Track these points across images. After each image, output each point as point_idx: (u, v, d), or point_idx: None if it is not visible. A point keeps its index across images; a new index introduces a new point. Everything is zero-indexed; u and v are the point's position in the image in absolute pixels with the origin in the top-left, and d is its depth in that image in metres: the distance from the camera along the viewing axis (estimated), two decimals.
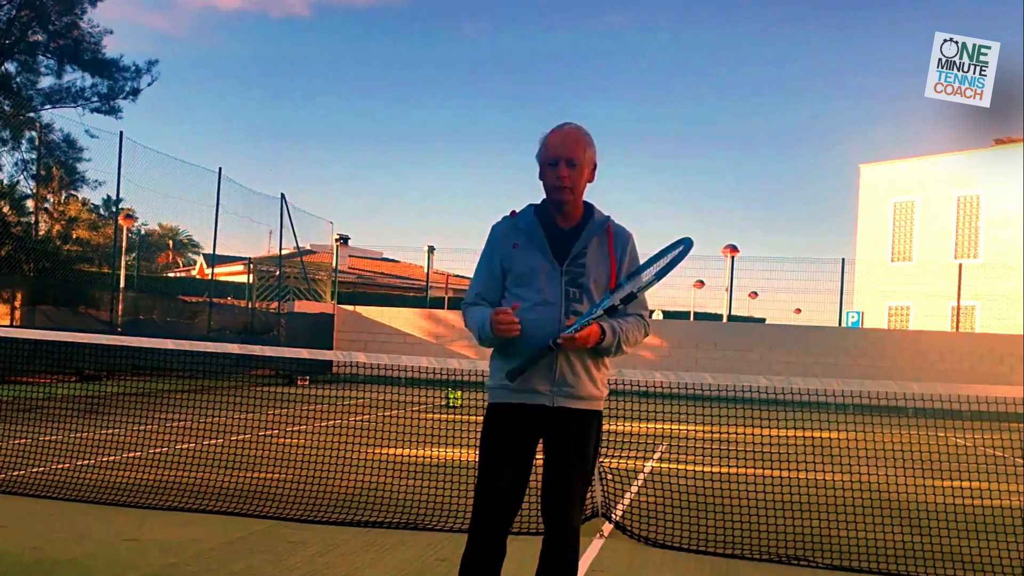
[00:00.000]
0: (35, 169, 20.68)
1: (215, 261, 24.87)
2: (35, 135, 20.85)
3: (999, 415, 6.16)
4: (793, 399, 6.15)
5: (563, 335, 2.83)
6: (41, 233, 20.70)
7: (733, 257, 24.17)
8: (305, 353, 6.98)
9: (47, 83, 23.49)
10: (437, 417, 10.61)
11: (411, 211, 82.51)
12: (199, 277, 34.70)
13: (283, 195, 24.25)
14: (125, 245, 21.75)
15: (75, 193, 23.79)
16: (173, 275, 41.33)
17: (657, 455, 9.39)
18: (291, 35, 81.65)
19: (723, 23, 66.69)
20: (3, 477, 6.54)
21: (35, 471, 6.73)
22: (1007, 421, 7.78)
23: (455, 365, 6.34)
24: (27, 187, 21.09)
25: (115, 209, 20.42)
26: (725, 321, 24.59)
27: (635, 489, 6.89)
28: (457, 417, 10.36)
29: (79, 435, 8.04)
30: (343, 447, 7.27)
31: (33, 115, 22.23)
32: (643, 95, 73.21)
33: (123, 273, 20.68)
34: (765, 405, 7.06)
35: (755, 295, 27.59)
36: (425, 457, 8.04)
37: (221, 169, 21.16)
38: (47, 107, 23.41)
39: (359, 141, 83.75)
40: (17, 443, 7.76)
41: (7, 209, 19.93)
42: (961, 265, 24.98)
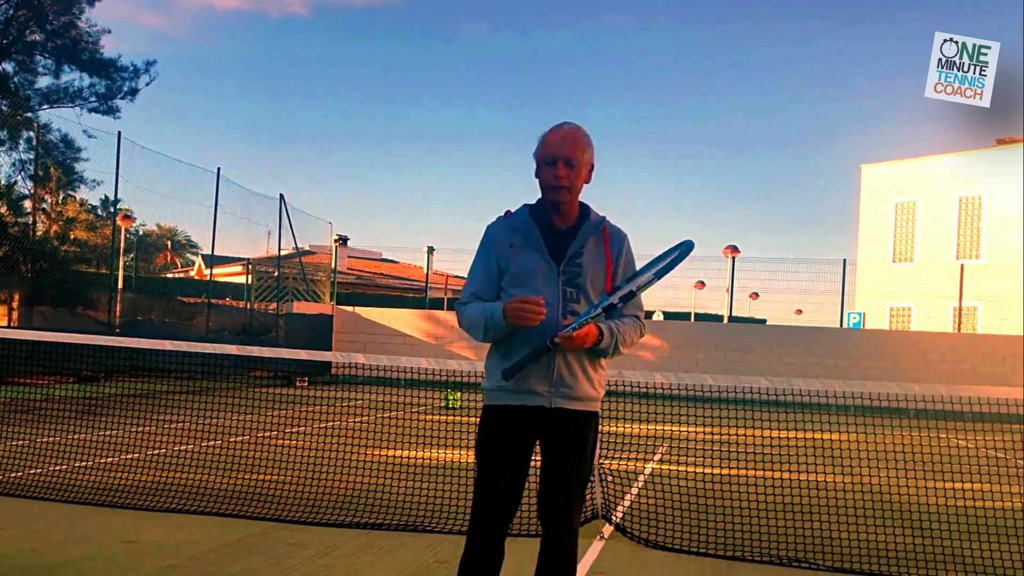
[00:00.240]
0: (33, 169, 20.65)
1: (213, 262, 24.84)
2: (33, 135, 20.83)
3: (1001, 416, 6.15)
4: (794, 400, 6.13)
5: (561, 334, 2.81)
6: (39, 234, 20.69)
7: (734, 258, 24.16)
8: (304, 354, 6.96)
9: (45, 83, 23.49)
10: (436, 418, 10.58)
11: (410, 211, 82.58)
12: (197, 278, 34.67)
13: (282, 195, 24.27)
14: (123, 246, 21.72)
15: (73, 193, 23.80)
16: (171, 276, 41.33)
17: (657, 456, 9.38)
18: (290, 35, 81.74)
19: (723, 23, 66.82)
20: (1, 478, 6.52)
21: (32, 472, 6.72)
22: (1009, 422, 7.77)
23: (454, 366, 6.32)
24: (25, 187, 21.08)
25: (113, 209, 20.39)
26: (726, 322, 24.59)
27: (635, 491, 6.88)
28: (457, 418, 10.33)
29: (77, 436, 8.02)
30: (342, 448, 7.25)
31: (31, 115, 22.20)
32: (643, 95, 73.35)
33: (121, 274, 20.66)
34: (766, 406, 7.05)
35: (756, 296, 27.59)
36: (424, 459, 8.02)
37: (220, 169, 21.20)
38: (45, 107, 23.39)
39: (358, 141, 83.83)
40: (14, 444, 7.74)
41: (4, 209, 19.91)
42: (963, 266, 24.98)
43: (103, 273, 21.25)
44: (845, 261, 24.27)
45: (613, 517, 5.72)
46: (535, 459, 3.02)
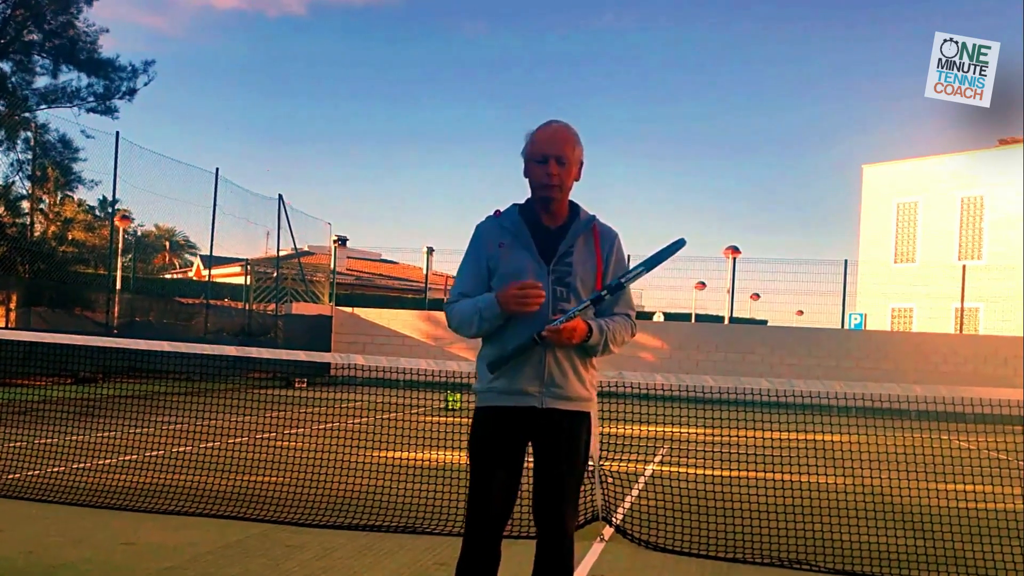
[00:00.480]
0: (30, 170, 20.62)
1: (212, 262, 24.82)
2: (30, 135, 20.78)
3: (1003, 418, 6.12)
4: (795, 402, 6.10)
5: (548, 327, 2.80)
6: (36, 234, 20.65)
7: (735, 258, 24.13)
8: (303, 355, 6.91)
9: (43, 83, 23.43)
10: (436, 420, 10.58)
11: (410, 212, 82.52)
12: (196, 279, 34.64)
13: (281, 196, 24.27)
14: (121, 246, 21.70)
15: (71, 194, 23.70)
16: (170, 276, 41.29)
17: (658, 458, 9.37)
18: (288, 34, 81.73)
19: (724, 23, 66.84)
20: None
21: (30, 474, 6.70)
22: (1011, 424, 7.77)
23: (454, 367, 6.30)
24: (22, 188, 21.04)
25: (111, 210, 20.36)
26: (727, 323, 24.56)
27: (636, 492, 6.86)
28: (456, 420, 10.30)
29: (75, 438, 8.00)
30: (341, 450, 7.23)
31: (28, 115, 22.15)
32: (643, 95, 73.32)
33: (119, 274, 20.63)
34: (767, 408, 7.02)
35: (757, 297, 27.56)
36: (424, 460, 8.00)
37: (218, 170, 21.19)
38: (43, 107, 23.32)
39: (357, 141, 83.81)
40: (12, 446, 7.72)
41: (2, 210, 19.88)
42: (965, 266, 24.97)
43: (101, 274, 21.22)
44: (846, 262, 24.28)
45: (613, 519, 5.70)
46: (530, 460, 3.00)
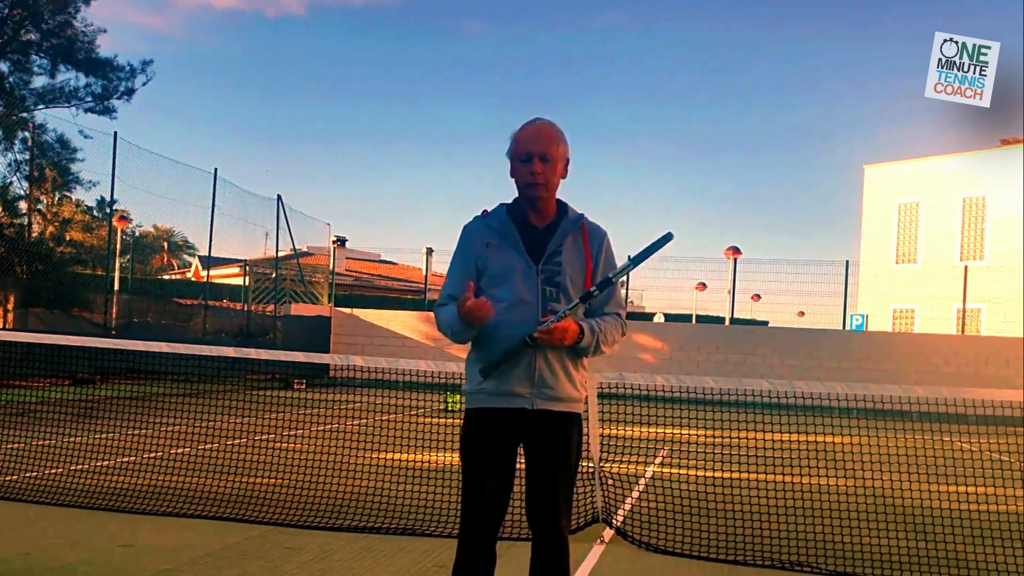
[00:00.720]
0: (28, 170, 20.61)
1: (210, 263, 24.78)
2: (28, 135, 20.76)
3: (1005, 419, 6.09)
4: (796, 403, 6.08)
5: (540, 329, 2.79)
6: (34, 235, 20.61)
7: (735, 259, 24.10)
8: (301, 356, 6.88)
9: (40, 83, 23.41)
10: (435, 421, 10.55)
11: (409, 212, 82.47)
12: (194, 279, 34.62)
13: (279, 196, 24.22)
14: (119, 247, 21.68)
15: (69, 194, 23.65)
16: (168, 277, 41.22)
17: (659, 459, 9.34)
18: (287, 34, 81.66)
19: (725, 23, 66.85)
20: None
21: (28, 476, 6.69)
22: (1013, 425, 7.74)
23: (454, 369, 6.27)
24: (20, 188, 21.03)
25: (109, 210, 20.34)
26: (727, 324, 24.50)
27: (636, 494, 6.85)
28: (456, 421, 10.27)
29: (72, 439, 7.97)
30: (340, 451, 7.21)
31: (26, 115, 22.14)
32: (644, 95, 73.31)
33: (117, 275, 20.60)
34: (768, 409, 7.00)
35: (758, 298, 27.54)
36: (423, 462, 7.98)
37: (217, 170, 21.14)
38: (40, 107, 23.31)
39: (356, 141, 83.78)
40: (10, 448, 7.70)
41: (0, 211, 19.84)
42: (967, 267, 24.94)
43: (99, 275, 21.18)
44: (848, 263, 24.26)
45: (613, 521, 5.68)
46: (521, 461, 2.99)
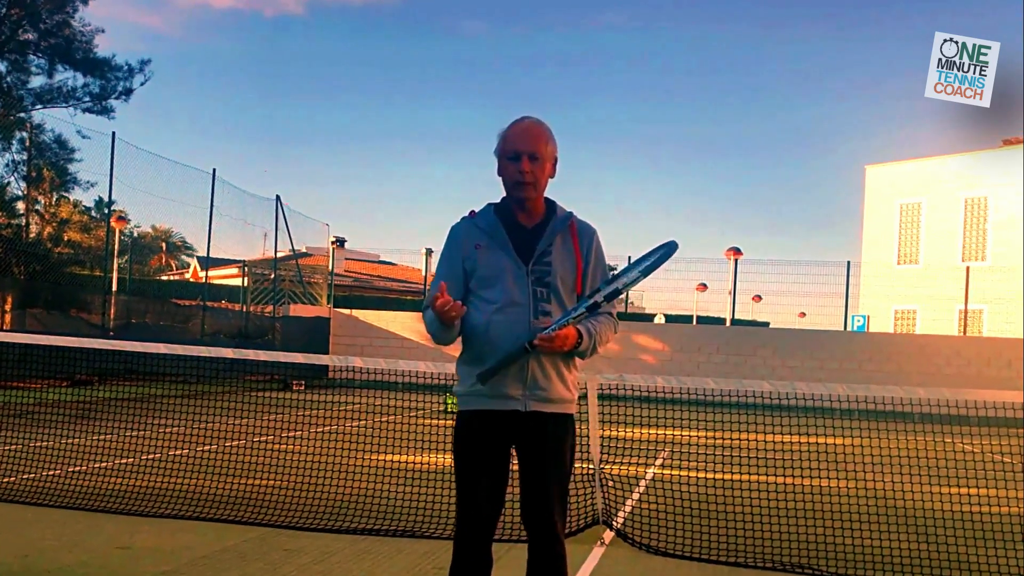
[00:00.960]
0: (26, 170, 20.58)
1: (209, 264, 24.77)
2: (26, 136, 20.75)
3: (1007, 421, 6.08)
4: (797, 404, 6.06)
5: (540, 336, 2.75)
6: (32, 235, 20.59)
7: (736, 260, 24.05)
8: (300, 357, 6.86)
9: (38, 83, 23.38)
10: (435, 423, 10.54)
11: (408, 213, 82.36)
12: (193, 280, 34.58)
13: (278, 197, 24.19)
14: (117, 247, 21.66)
15: (66, 195, 23.63)
16: (166, 278, 41.17)
17: (659, 461, 9.33)
18: (286, 34, 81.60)
19: (725, 23, 66.88)
20: None
21: (26, 477, 6.67)
22: (1015, 427, 7.72)
23: (453, 370, 6.23)
24: (18, 188, 21.01)
25: (107, 211, 20.32)
26: (728, 325, 24.42)
27: (636, 496, 6.84)
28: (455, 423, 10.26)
29: (70, 441, 7.94)
30: (339, 453, 7.19)
31: (24, 115, 22.11)
32: (644, 95, 73.31)
33: (115, 276, 20.58)
34: (769, 410, 6.98)
35: (759, 298, 27.52)
36: (423, 463, 7.96)
37: (215, 170, 21.10)
38: (38, 107, 23.27)
39: (356, 142, 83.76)
40: (7, 449, 7.69)
41: None
42: (968, 268, 24.91)
43: (97, 275, 21.14)
44: (849, 263, 24.23)
45: (614, 523, 5.66)
46: (515, 463, 2.98)
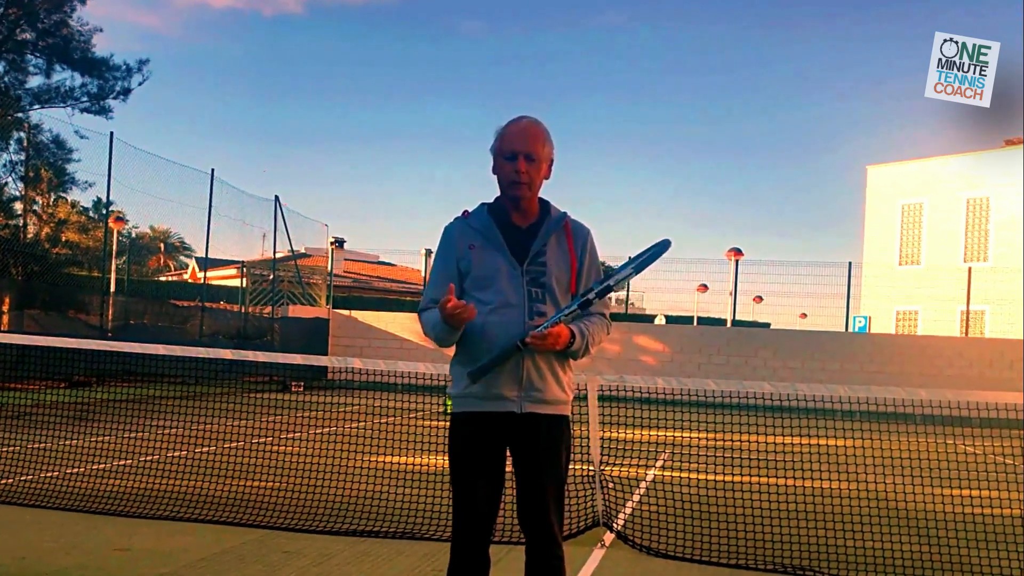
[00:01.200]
0: (23, 170, 20.55)
1: (207, 264, 24.72)
2: (23, 136, 20.71)
3: (1009, 422, 6.08)
4: (798, 406, 6.05)
5: (532, 334, 2.75)
6: (29, 236, 20.57)
7: (737, 260, 23.99)
8: (299, 359, 6.85)
9: (36, 83, 23.34)
10: (434, 424, 10.51)
11: (408, 213, 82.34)
12: (191, 281, 34.52)
13: (277, 197, 24.14)
14: (115, 248, 21.61)
15: (64, 195, 23.63)
16: (164, 279, 41.10)
17: (659, 463, 9.31)
18: (285, 33, 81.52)
19: (726, 23, 66.91)
20: None
21: (23, 479, 6.65)
22: (1017, 428, 7.73)
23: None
24: (15, 189, 20.99)
25: (105, 211, 20.25)
26: (729, 326, 24.34)
27: (637, 498, 6.83)
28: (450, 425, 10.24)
29: (68, 442, 7.92)
30: (338, 455, 7.17)
31: (21, 115, 22.07)
32: (644, 95, 73.33)
33: (113, 277, 20.54)
34: (770, 412, 6.97)
35: (760, 299, 27.49)
36: (422, 465, 7.95)
37: (214, 171, 21.05)
38: (36, 107, 23.24)
39: (355, 142, 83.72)
40: (5, 451, 7.67)
41: None
42: (971, 269, 24.86)
43: (95, 276, 21.09)
44: (850, 264, 24.16)
45: (614, 524, 5.65)
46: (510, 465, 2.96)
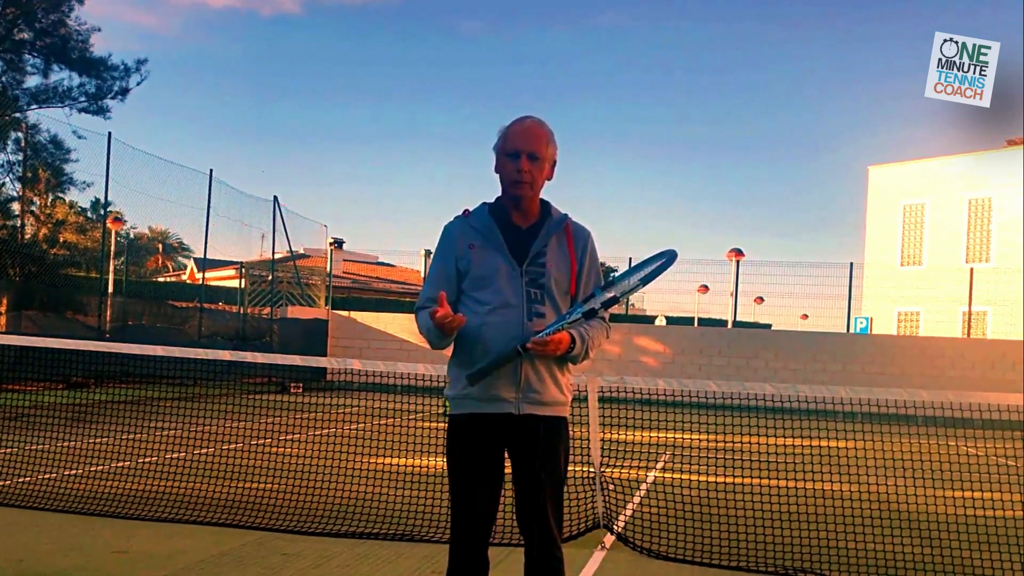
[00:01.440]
0: (21, 171, 20.50)
1: (206, 265, 24.70)
2: (21, 136, 20.67)
3: (1011, 424, 6.07)
4: (800, 407, 6.04)
5: (534, 339, 2.73)
6: (27, 236, 20.51)
7: (738, 261, 23.95)
8: (298, 360, 6.83)
9: (33, 82, 23.31)
10: (434, 426, 10.48)
11: (407, 214, 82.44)
12: (190, 282, 34.49)
13: (276, 197, 24.12)
14: (113, 249, 21.56)
15: (62, 195, 23.60)
16: (163, 280, 41.08)
17: (660, 465, 9.29)
18: (283, 33, 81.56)
19: (728, 23, 66.96)
20: None
21: (21, 481, 6.64)
22: (1019, 430, 7.72)
23: None
24: (13, 189, 20.93)
25: (103, 212, 20.19)
26: (730, 327, 24.28)
27: (637, 500, 6.82)
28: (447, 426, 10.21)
29: (66, 444, 7.90)
30: (338, 456, 7.16)
31: (19, 115, 22.01)
32: (645, 95, 73.40)
33: (111, 277, 20.49)
34: (771, 413, 6.95)
35: (761, 300, 27.43)
36: (422, 467, 7.93)
37: (212, 171, 21.02)
38: (33, 107, 23.20)
39: (354, 142, 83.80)
40: (3, 452, 7.66)
41: None
42: (972, 269, 24.83)
43: (93, 277, 21.08)
44: (852, 265, 24.17)
45: (614, 526, 5.64)
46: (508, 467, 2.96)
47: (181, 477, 7.00)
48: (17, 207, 20.53)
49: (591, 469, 5.67)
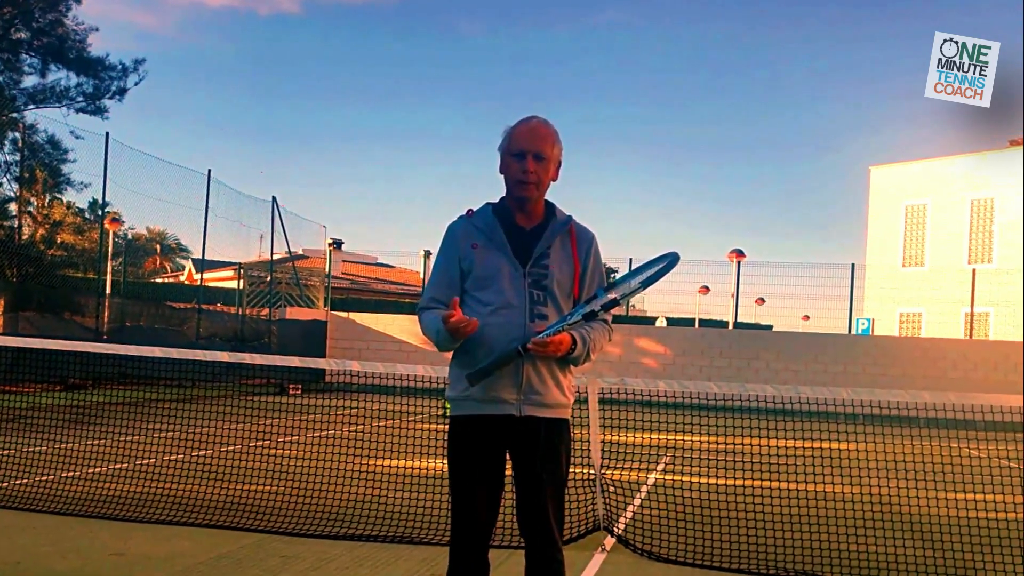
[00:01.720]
0: (18, 171, 20.44)
1: (204, 266, 24.65)
2: (18, 136, 20.64)
3: (1013, 425, 6.07)
4: (801, 409, 6.03)
5: (534, 340, 2.72)
6: (24, 237, 20.44)
7: (739, 262, 23.93)
8: (297, 361, 6.82)
9: (31, 82, 23.23)
10: (433, 427, 10.47)
11: (407, 215, 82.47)
12: (188, 283, 34.45)
13: (274, 198, 24.13)
14: (111, 250, 21.52)
15: (60, 196, 23.48)
16: (161, 281, 41.04)
17: (661, 467, 9.28)
18: (282, 33, 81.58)
19: (729, 23, 67.05)
20: None
21: (18, 483, 6.62)
22: (1021, 432, 7.70)
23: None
24: (10, 190, 20.87)
25: (101, 212, 20.17)
26: (731, 328, 24.28)
27: (638, 502, 6.82)
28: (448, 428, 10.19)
29: (64, 446, 7.88)
30: (336, 458, 7.14)
31: (16, 115, 21.97)
32: (646, 95, 73.45)
33: (109, 279, 20.46)
34: (772, 415, 6.94)
35: (762, 301, 27.41)
36: (421, 469, 7.92)
37: (210, 171, 21.00)
38: (31, 107, 23.12)
39: (353, 142, 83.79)
40: (0, 454, 7.59)
41: None
42: (975, 270, 24.83)
43: (91, 278, 21.04)
44: (853, 265, 24.18)
45: (615, 528, 5.63)
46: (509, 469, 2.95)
47: (179, 479, 6.98)
48: (14, 208, 20.48)
49: (591, 471, 5.65)
